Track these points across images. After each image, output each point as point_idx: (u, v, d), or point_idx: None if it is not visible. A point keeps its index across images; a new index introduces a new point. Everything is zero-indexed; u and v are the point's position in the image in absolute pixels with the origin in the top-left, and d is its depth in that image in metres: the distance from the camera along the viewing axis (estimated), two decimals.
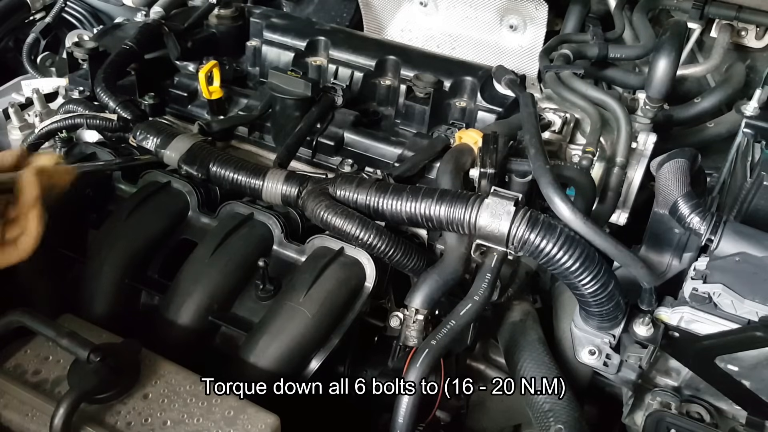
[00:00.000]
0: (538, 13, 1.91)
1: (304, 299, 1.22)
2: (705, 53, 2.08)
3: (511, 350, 1.45)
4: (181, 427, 1.01)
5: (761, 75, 1.97)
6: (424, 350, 1.09)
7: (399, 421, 1.07)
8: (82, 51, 1.67)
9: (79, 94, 1.68)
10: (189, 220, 1.44)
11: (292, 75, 1.55)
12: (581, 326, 1.27)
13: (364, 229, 1.21)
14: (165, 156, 1.41)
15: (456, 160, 1.34)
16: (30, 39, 2.37)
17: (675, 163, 1.33)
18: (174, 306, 1.27)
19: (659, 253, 1.41)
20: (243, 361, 1.20)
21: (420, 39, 2.11)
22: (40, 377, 1.06)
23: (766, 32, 2.01)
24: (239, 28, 1.88)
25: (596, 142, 1.49)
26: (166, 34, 1.76)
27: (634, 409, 1.36)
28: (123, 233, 1.36)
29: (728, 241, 1.22)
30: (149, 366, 1.08)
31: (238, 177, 1.36)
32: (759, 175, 1.34)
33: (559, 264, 1.11)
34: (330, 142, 1.54)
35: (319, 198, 1.26)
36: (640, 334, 1.21)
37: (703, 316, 1.17)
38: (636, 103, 1.70)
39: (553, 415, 1.27)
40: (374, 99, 1.71)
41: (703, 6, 1.93)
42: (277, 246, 1.37)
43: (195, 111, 1.69)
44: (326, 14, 2.25)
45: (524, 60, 1.99)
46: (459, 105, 1.64)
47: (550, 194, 1.17)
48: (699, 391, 1.30)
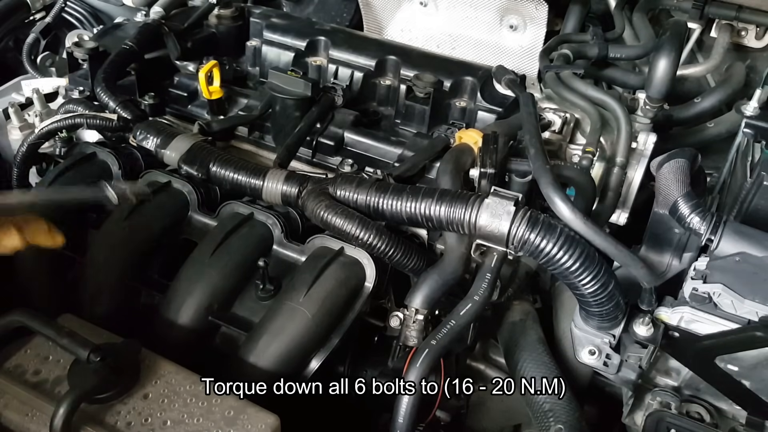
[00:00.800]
0: (538, 13, 1.90)
1: (304, 299, 1.22)
2: (705, 53, 2.08)
3: (511, 350, 1.45)
4: (181, 427, 1.01)
5: (761, 75, 1.97)
6: (424, 350, 1.09)
7: (399, 421, 1.07)
8: (82, 51, 1.67)
9: (79, 94, 1.68)
10: (189, 220, 1.44)
11: (292, 75, 1.55)
12: (581, 326, 1.27)
13: (364, 228, 1.21)
14: (165, 156, 1.41)
15: (456, 160, 1.34)
16: (30, 39, 2.37)
17: (675, 163, 1.33)
18: (174, 306, 1.27)
19: (659, 253, 1.41)
20: (243, 361, 1.20)
21: (420, 39, 2.11)
22: (40, 377, 1.06)
23: (766, 32, 2.00)
24: (239, 28, 1.88)
25: (596, 142, 1.49)
26: (166, 34, 1.76)
27: (634, 409, 1.36)
28: (123, 233, 1.36)
29: (728, 241, 1.22)
30: (149, 366, 1.08)
31: (238, 177, 1.36)
32: (759, 175, 1.34)
33: (559, 264, 1.11)
34: (330, 142, 1.54)
35: (319, 198, 1.26)
36: (640, 334, 1.21)
37: (703, 316, 1.17)
38: (636, 103, 1.70)
39: (553, 415, 1.27)
40: (374, 99, 1.71)
41: (703, 6, 1.93)
42: (277, 246, 1.37)
43: (195, 111, 1.69)
44: (326, 14, 2.25)
45: (524, 60, 1.99)
46: (459, 105, 1.64)
47: (550, 194, 1.17)
48: (699, 391, 1.30)
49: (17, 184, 1.58)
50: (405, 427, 1.07)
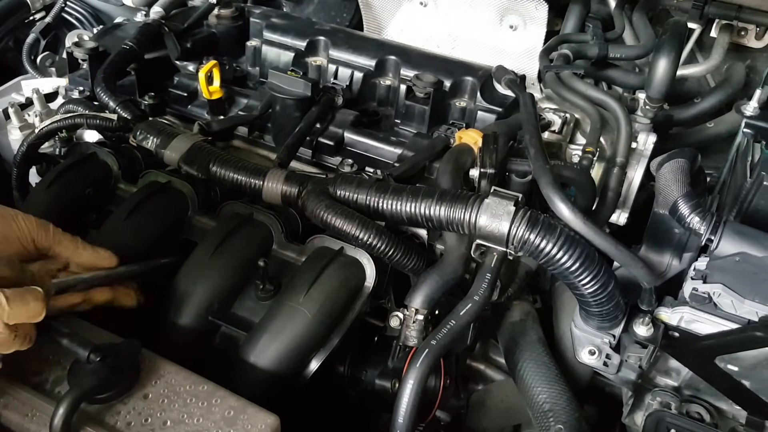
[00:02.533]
0: (538, 13, 1.90)
1: (304, 299, 1.22)
2: (705, 53, 2.08)
3: (511, 350, 1.45)
4: (181, 427, 1.00)
5: (761, 75, 1.97)
6: (424, 350, 1.09)
7: (399, 421, 1.07)
8: (82, 51, 1.67)
9: (79, 94, 1.68)
10: (189, 220, 1.44)
11: (292, 75, 1.55)
12: (581, 326, 1.27)
13: (364, 229, 1.21)
14: (165, 156, 1.41)
15: (456, 160, 1.34)
16: (30, 39, 2.37)
17: (675, 163, 1.33)
18: (174, 306, 1.26)
19: (659, 253, 1.41)
20: (243, 361, 1.20)
21: (420, 39, 2.11)
22: (40, 377, 1.06)
23: (766, 32, 2.01)
24: (239, 28, 1.89)
25: (596, 142, 1.49)
26: (166, 34, 1.76)
27: (634, 409, 1.36)
28: (122, 233, 1.36)
29: (728, 241, 1.22)
30: (149, 366, 1.08)
31: (238, 177, 1.36)
32: (759, 175, 1.34)
33: (559, 264, 1.11)
34: (330, 142, 1.54)
35: (319, 198, 1.26)
36: (640, 334, 1.21)
37: (703, 316, 1.17)
38: (636, 103, 1.70)
39: (553, 415, 1.27)
40: (374, 99, 1.71)
41: (703, 6, 1.93)
42: (276, 246, 1.37)
43: (195, 111, 1.69)
44: (326, 14, 2.25)
45: (524, 60, 1.99)
46: (459, 105, 1.64)
47: (550, 194, 1.17)
48: (699, 391, 1.30)
49: (17, 185, 1.58)
50: (405, 427, 1.07)
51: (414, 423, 1.08)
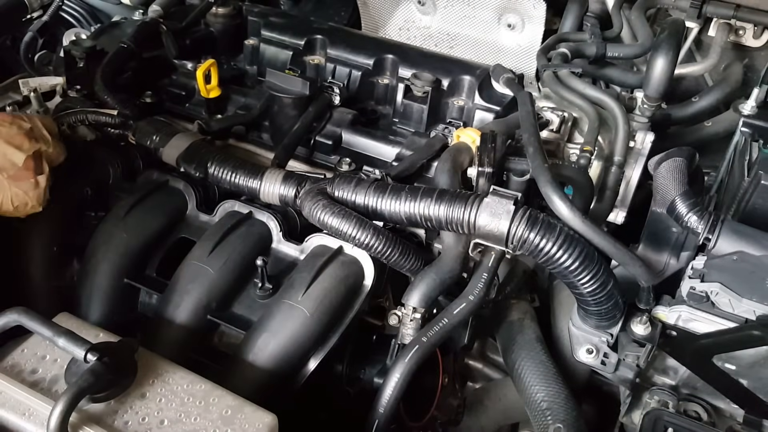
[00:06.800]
0: (536, 12, 1.90)
1: (303, 298, 1.22)
2: (703, 52, 2.08)
3: (509, 349, 1.45)
4: (178, 426, 1.00)
5: (759, 74, 1.97)
6: (414, 347, 1.10)
7: (379, 411, 1.07)
8: (79, 50, 1.67)
9: (77, 93, 1.67)
10: (187, 219, 1.44)
11: (289, 74, 1.54)
12: (579, 325, 1.27)
13: (361, 229, 1.21)
14: (164, 154, 1.41)
15: (454, 159, 1.34)
16: (27, 37, 2.36)
17: (673, 162, 1.33)
18: (172, 305, 1.26)
19: (657, 252, 1.41)
20: (241, 360, 1.20)
21: (418, 38, 2.10)
22: (38, 376, 1.05)
23: (763, 31, 2.00)
24: (237, 26, 1.88)
25: (594, 141, 1.49)
26: (164, 33, 1.75)
27: (631, 407, 1.36)
28: (121, 232, 1.36)
29: (726, 240, 1.22)
30: (147, 365, 1.07)
31: (236, 178, 1.36)
32: (756, 174, 1.34)
33: (558, 263, 1.11)
34: (328, 141, 1.54)
35: (316, 198, 1.26)
36: (638, 332, 1.21)
37: (701, 315, 1.17)
38: (634, 102, 1.70)
39: (551, 413, 1.27)
40: (372, 98, 1.71)
41: (701, 5, 1.93)
42: (275, 244, 1.37)
43: (193, 109, 1.69)
44: (324, 13, 2.24)
45: (522, 59, 1.99)
46: (457, 104, 1.64)
47: (549, 193, 1.17)
48: (696, 389, 1.30)
49: None
50: (383, 417, 1.07)
51: (392, 417, 1.08)
